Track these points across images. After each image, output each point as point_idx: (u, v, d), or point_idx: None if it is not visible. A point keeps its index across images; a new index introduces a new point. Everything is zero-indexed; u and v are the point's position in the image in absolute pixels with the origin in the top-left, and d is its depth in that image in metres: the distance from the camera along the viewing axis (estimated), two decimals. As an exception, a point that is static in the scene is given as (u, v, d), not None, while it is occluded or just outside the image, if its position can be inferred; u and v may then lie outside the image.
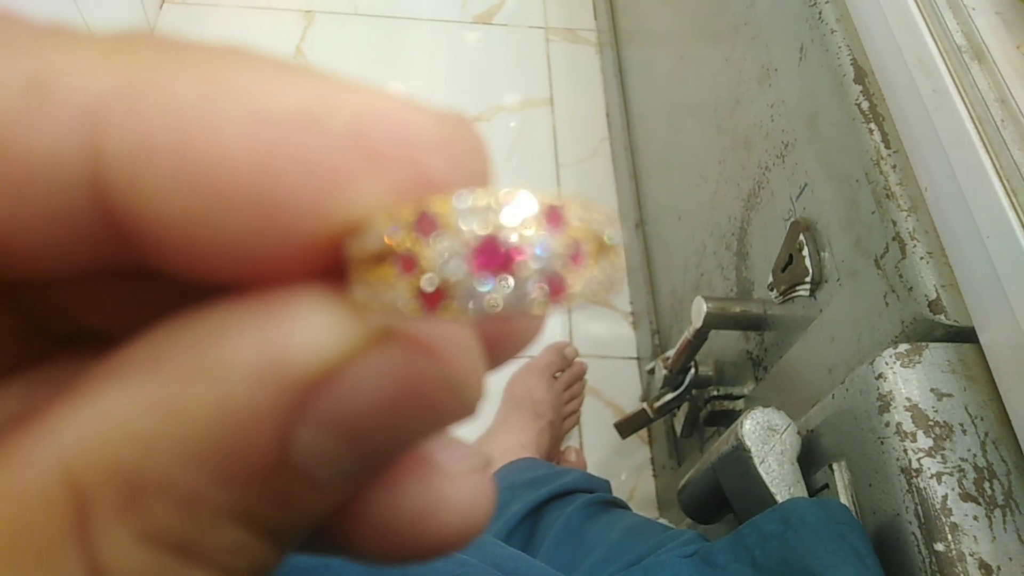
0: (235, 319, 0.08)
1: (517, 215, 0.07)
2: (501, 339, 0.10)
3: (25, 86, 0.07)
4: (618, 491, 0.93)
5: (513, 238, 0.07)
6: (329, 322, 0.08)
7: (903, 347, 0.41)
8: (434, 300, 0.07)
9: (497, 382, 1.06)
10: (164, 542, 0.08)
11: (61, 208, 0.07)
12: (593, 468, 1.04)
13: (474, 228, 0.07)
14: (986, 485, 0.37)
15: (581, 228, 0.07)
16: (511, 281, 0.07)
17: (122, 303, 0.09)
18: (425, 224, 0.07)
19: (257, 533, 0.08)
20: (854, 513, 0.40)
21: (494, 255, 0.07)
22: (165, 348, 0.08)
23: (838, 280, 0.51)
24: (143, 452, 0.07)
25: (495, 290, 0.07)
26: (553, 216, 0.07)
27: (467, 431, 1.01)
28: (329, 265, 0.08)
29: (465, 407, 0.09)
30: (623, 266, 0.07)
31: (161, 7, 1.35)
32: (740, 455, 0.46)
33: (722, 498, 0.50)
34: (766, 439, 0.46)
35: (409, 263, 0.07)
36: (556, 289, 0.07)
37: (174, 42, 0.08)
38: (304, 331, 0.07)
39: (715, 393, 0.70)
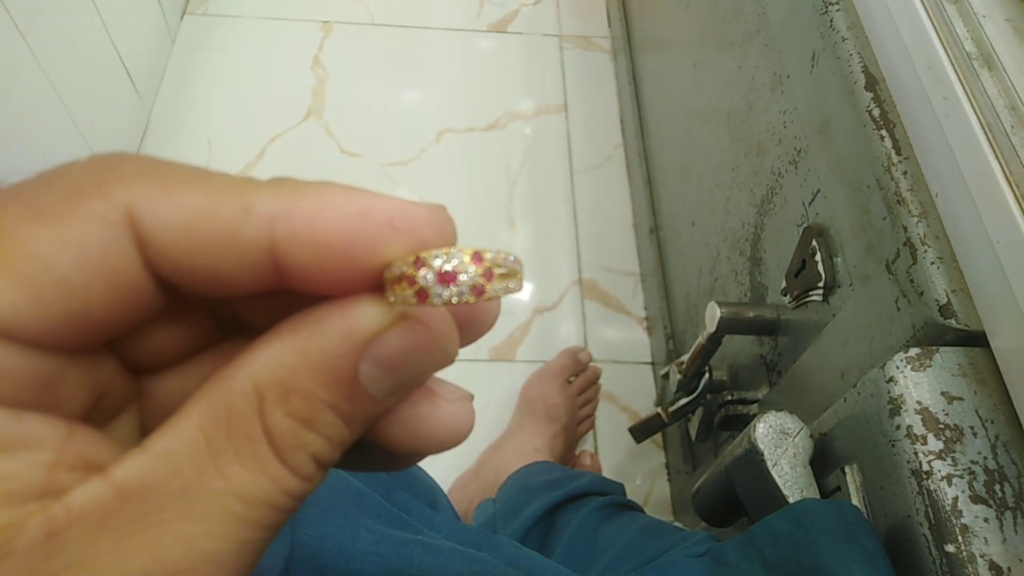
0: (335, 309, 0.15)
1: (459, 258, 0.15)
2: (467, 320, 0.17)
3: (242, 208, 0.14)
4: (633, 495, 0.94)
5: (455, 267, 0.15)
6: (376, 310, 0.15)
7: (914, 351, 0.41)
8: (423, 297, 0.15)
9: (512, 387, 1.07)
10: (299, 418, 0.15)
11: (255, 260, 0.15)
12: (608, 472, 1.04)
13: (439, 265, 0.15)
14: (997, 487, 0.37)
15: (493, 261, 0.15)
16: (454, 288, 0.15)
17: (272, 306, 0.17)
18: (419, 263, 0.15)
19: (342, 418, 0.15)
20: (866, 515, 0.40)
21: (447, 276, 0.15)
22: (300, 323, 0.15)
23: (850, 285, 0.52)
24: (290, 372, 0.15)
25: (448, 292, 0.15)
26: (477, 258, 0.15)
27: (484, 435, 1.02)
28: (376, 283, 0.15)
29: (447, 356, 0.16)
30: (522, 280, 0.16)
31: (182, 18, 1.37)
32: (753, 458, 0.46)
33: (735, 501, 0.51)
34: (779, 442, 0.46)
35: (411, 281, 0.15)
36: (478, 292, 0.15)
37: (302, 181, 0.15)
38: (365, 314, 0.15)
39: (729, 398, 0.71)
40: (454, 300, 0.15)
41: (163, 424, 0.15)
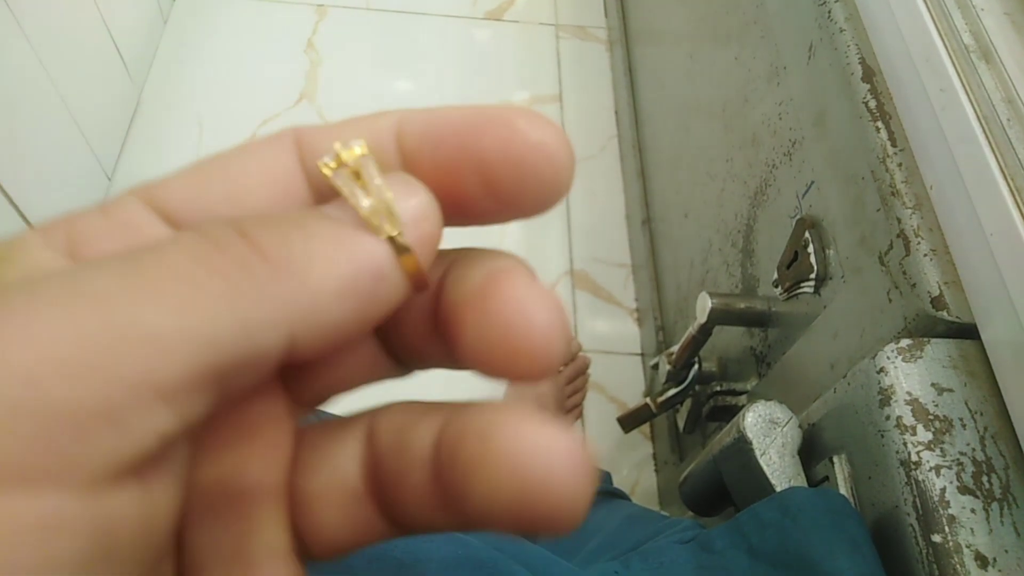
0: None
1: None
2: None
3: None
4: (620, 485, 0.94)
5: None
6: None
7: (905, 342, 0.41)
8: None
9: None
10: None
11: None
12: (595, 463, 1.04)
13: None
14: (984, 479, 0.37)
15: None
16: None
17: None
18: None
19: None
20: (853, 504, 0.40)
21: None
22: None
23: (842, 277, 0.51)
24: None
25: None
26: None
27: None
28: None
29: None
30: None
31: (174, 0, 1.36)
32: (742, 447, 0.46)
33: (723, 490, 0.51)
34: (768, 432, 0.46)
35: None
36: None
37: None
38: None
39: (718, 389, 0.71)
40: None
41: None
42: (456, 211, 0.14)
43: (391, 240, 0.13)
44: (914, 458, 0.38)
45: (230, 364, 0.11)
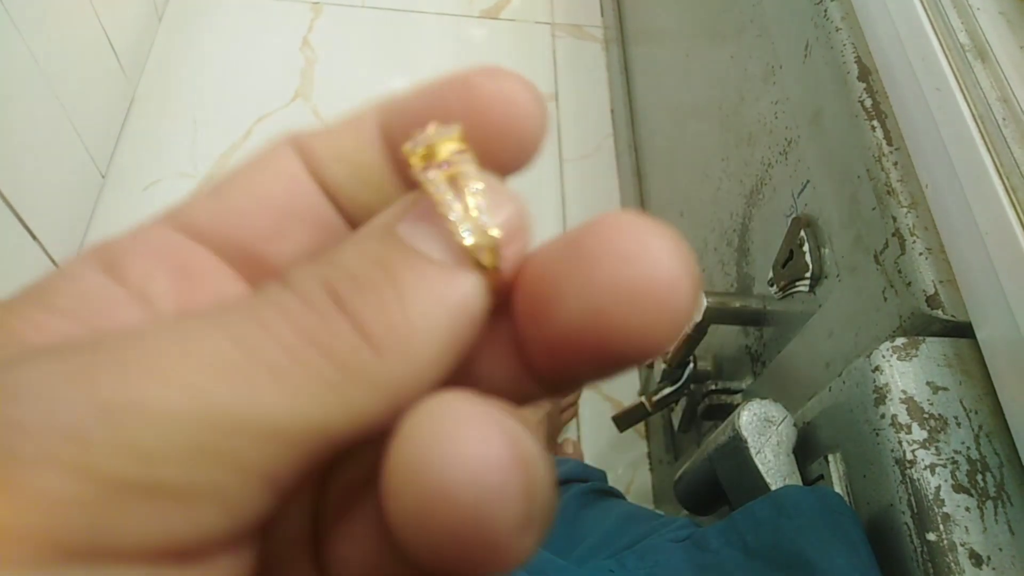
0: None
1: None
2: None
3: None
4: (615, 484, 0.93)
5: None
6: None
7: (900, 341, 0.41)
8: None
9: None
10: None
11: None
12: (590, 461, 1.04)
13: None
14: (979, 477, 0.37)
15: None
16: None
17: None
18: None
19: None
20: (848, 503, 0.40)
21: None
22: None
23: (837, 276, 0.51)
24: None
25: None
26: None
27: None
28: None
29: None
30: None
31: (169, -5, 1.35)
32: (737, 445, 0.46)
33: (718, 489, 0.51)
34: (763, 430, 0.46)
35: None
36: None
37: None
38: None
39: (713, 387, 0.71)
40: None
41: None
42: None
43: (484, 269, 0.12)
44: (909, 456, 0.38)
45: (334, 446, 0.11)
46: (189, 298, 0.13)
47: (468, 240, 0.11)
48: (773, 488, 0.43)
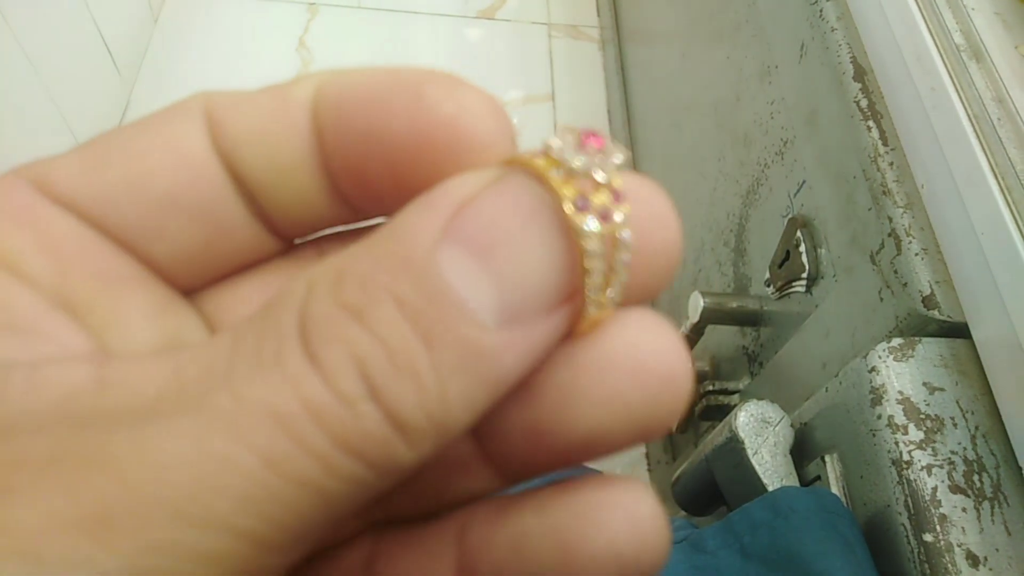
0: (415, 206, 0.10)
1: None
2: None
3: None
4: (612, 485, 0.93)
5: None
6: (476, 173, 0.11)
7: (896, 341, 0.41)
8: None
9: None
10: (345, 305, 0.10)
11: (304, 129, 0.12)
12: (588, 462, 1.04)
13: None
14: (975, 478, 0.37)
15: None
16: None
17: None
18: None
19: (410, 323, 0.10)
20: (845, 504, 0.40)
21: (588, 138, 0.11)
22: (382, 232, 0.10)
23: (834, 276, 0.51)
24: (352, 259, 0.10)
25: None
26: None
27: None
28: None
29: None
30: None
31: (165, -4, 1.35)
32: (734, 446, 0.46)
33: (715, 490, 0.51)
34: (760, 431, 0.46)
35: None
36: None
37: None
38: (457, 179, 0.11)
39: (710, 388, 0.71)
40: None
41: None
42: (368, 204, 0.12)
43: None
44: (905, 457, 0.38)
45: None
46: (67, 280, 0.11)
47: (592, 312, 0.10)
48: (770, 489, 0.43)
